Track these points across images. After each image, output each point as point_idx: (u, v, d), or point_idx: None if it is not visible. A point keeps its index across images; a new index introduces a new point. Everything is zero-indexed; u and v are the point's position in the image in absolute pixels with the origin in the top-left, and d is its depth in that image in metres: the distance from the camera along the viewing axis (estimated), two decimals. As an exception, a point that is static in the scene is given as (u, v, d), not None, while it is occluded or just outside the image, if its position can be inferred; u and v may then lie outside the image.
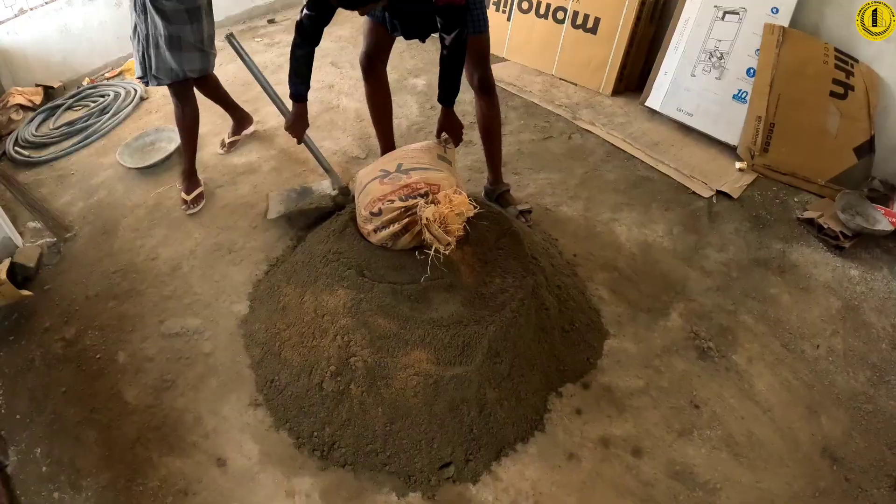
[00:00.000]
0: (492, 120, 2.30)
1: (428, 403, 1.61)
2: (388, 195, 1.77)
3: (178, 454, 1.69)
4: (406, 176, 1.82)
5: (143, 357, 1.94)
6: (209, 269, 2.23)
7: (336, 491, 1.60)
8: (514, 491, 1.61)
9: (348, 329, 1.67)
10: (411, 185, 1.78)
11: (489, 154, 2.40)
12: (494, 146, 2.38)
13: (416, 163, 1.87)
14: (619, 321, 2.08)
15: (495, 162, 2.42)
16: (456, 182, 1.83)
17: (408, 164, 1.88)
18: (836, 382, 1.94)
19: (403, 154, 1.96)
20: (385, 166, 1.91)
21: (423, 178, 1.79)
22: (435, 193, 1.75)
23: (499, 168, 2.44)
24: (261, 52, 3.81)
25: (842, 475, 1.69)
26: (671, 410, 1.82)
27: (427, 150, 1.96)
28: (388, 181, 1.82)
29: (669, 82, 3.02)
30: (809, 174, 2.72)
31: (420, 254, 1.75)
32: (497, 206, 2.32)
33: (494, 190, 2.47)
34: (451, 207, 1.69)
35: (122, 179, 2.68)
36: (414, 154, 1.94)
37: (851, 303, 2.20)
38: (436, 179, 1.80)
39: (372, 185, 1.85)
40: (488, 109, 2.26)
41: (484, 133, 2.34)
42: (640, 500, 1.61)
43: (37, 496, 1.60)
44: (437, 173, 1.83)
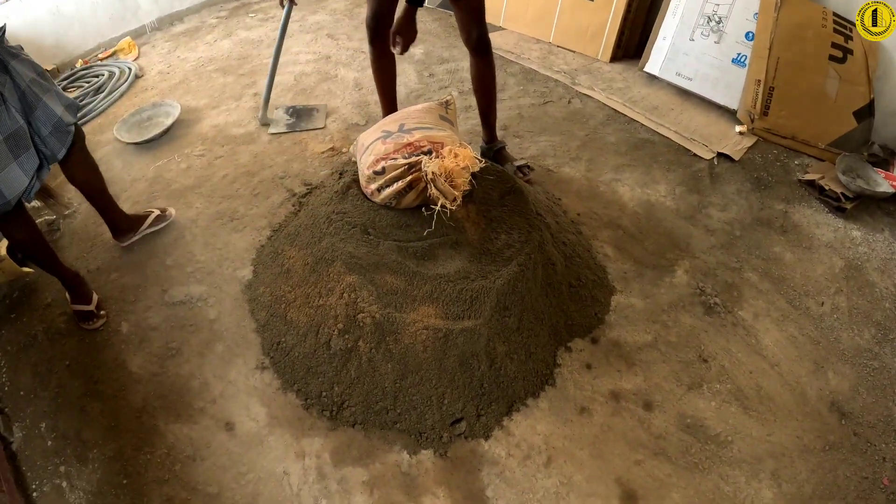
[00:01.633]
0: (490, 79, 2.28)
1: (438, 358, 1.60)
2: (392, 153, 1.76)
3: (185, 421, 1.67)
4: (408, 135, 1.80)
5: (147, 326, 1.91)
6: (212, 238, 2.20)
7: (346, 450, 1.59)
8: (527, 446, 1.61)
9: (355, 286, 1.65)
10: (414, 143, 1.77)
11: (485, 113, 2.39)
12: (491, 106, 2.37)
13: (418, 123, 1.86)
14: (625, 277, 2.08)
15: (491, 121, 2.42)
16: (458, 140, 1.82)
17: (410, 124, 1.86)
18: (841, 339, 1.95)
19: (405, 115, 1.94)
20: (387, 127, 1.89)
21: (426, 137, 1.78)
22: (439, 150, 1.73)
23: (494, 126, 2.44)
24: (256, 27, 3.77)
25: (850, 430, 1.70)
26: (680, 364, 1.83)
27: (428, 111, 1.94)
28: (390, 140, 1.80)
29: (668, 47, 3.01)
30: (809, 137, 2.71)
31: (426, 210, 1.74)
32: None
33: (491, 147, 2.47)
34: (456, 162, 1.67)
35: (119, 155, 2.65)
36: (415, 115, 1.92)
37: (854, 262, 2.21)
38: (438, 138, 1.78)
39: (375, 146, 1.83)
40: (486, 67, 2.24)
41: (481, 93, 2.32)
42: (653, 452, 1.61)
43: (43, 471, 1.58)
44: (440, 132, 1.82)
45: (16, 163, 1.55)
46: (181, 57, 3.42)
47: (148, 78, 3.23)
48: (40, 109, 1.61)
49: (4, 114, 1.51)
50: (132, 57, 3.44)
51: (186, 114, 2.87)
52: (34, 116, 1.61)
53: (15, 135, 1.54)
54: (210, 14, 3.97)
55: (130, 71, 3.23)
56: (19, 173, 1.56)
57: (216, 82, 3.15)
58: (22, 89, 1.56)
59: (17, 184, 1.56)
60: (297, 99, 3.02)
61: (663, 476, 1.56)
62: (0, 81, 1.50)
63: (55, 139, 1.67)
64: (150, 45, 3.58)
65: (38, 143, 1.64)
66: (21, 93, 1.56)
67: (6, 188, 1.53)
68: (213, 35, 3.68)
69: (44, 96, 1.63)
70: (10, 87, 1.53)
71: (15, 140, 1.54)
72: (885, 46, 2.61)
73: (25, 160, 1.58)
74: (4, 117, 1.51)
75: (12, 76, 1.54)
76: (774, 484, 1.57)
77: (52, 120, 1.64)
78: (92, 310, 1.92)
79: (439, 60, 3.30)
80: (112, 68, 3.26)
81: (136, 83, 3.18)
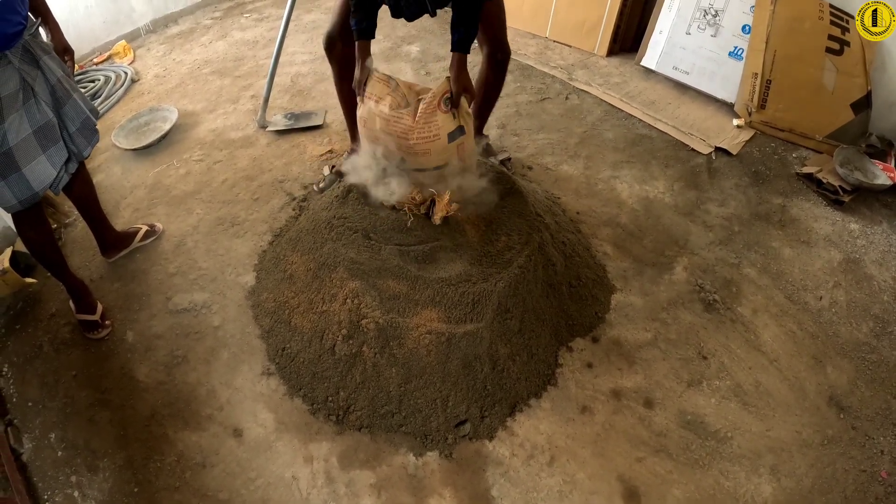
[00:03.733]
0: (498, 90, 2.25)
1: (441, 361, 1.62)
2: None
3: (193, 428, 1.69)
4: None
5: (151, 335, 1.92)
6: (213, 244, 2.21)
7: (354, 454, 1.61)
8: (530, 445, 1.63)
9: (358, 292, 1.67)
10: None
11: (479, 114, 2.34)
12: (489, 109, 2.35)
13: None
14: (624, 276, 2.10)
15: (485, 119, 2.41)
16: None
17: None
18: (839, 333, 1.97)
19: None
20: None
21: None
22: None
23: (484, 123, 2.44)
24: (251, 27, 3.76)
25: (849, 423, 1.73)
26: (680, 362, 1.85)
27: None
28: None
29: (664, 41, 3.01)
30: (807, 130, 2.72)
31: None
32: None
33: (479, 140, 2.37)
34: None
35: (118, 161, 2.64)
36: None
37: (852, 256, 2.23)
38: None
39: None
40: (498, 81, 2.20)
41: (484, 98, 2.27)
42: (654, 450, 1.64)
43: (54, 481, 1.59)
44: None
45: (44, 155, 1.58)
46: (177, 59, 3.41)
47: (144, 82, 3.21)
48: (69, 105, 1.64)
49: (34, 107, 1.53)
50: (128, 60, 3.42)
51: (184, 118, 2.86)
52: (63, 112, 1.63)
53: (44, 128, 1.56)
54: (204, 15, 3.94)
55: (126, 75, 3.21)
56: (47, 165, 1.59)
57: (213, 85, 3.14)
58: (52, 84, 1.58)
59: (45, 176, 1.59)
60: (295, 100, 3.02)
61: (664, 473, 1.59)
62: (31, 76, 1.52)
63: (82, 136, 1.70)
64: (146, 48, 3.57)
65: (66, 139, 1.66)
66: (51, 88, 1.58)
67: (34, 180, 1.57)
68: (208, 36, 3.66)
69: (73, 94, 1.66)
70: (41, 81, 1.55)
71: (44, 133, 1.56)
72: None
73: (54, 153, 1.61)
74: (34, 110, 1.53)
75: (43, 71, 1.55)
76: (774, 478, 1.59)
77: (80, 117, 1.67)
78: (97, 319, 1.93)
79: (435, 58, 3.29)
80: (108, 73, 3.24)
81: (132, 87, 3.17)
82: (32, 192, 1.58)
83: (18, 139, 1.50)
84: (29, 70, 1.51)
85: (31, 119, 1.53)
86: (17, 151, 1.51)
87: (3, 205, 1.58)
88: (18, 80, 1.48)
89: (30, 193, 1.58)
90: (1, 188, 1.53)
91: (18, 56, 1.47)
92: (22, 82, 1.49)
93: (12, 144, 1.49)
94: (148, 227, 2.23)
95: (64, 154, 1.65)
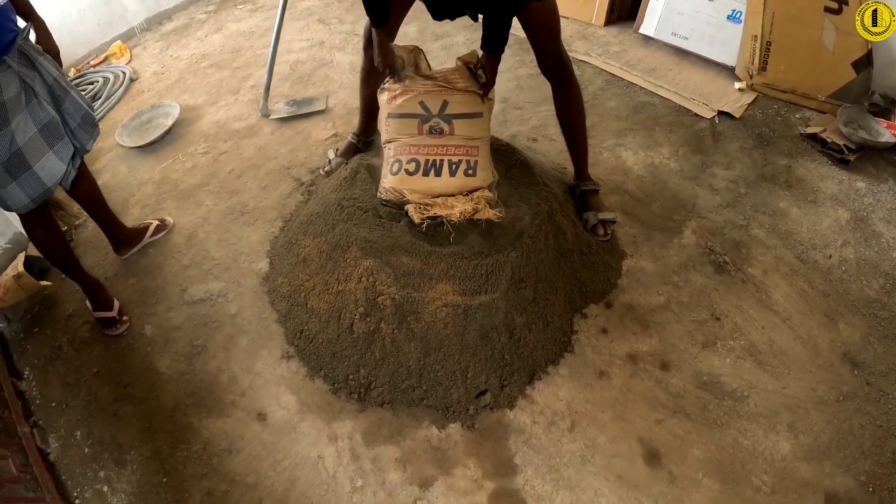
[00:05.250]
0: (575, 111, 2.00)
1: (459, 333, 1.64)
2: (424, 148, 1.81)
3: (217, 415, 1.71)
4: (447, 131, 1.81)
5: (170, 327, 1.95)
6: (224, 234, 2.22)
7: (377, 430, 1.64)
8: (551, 412, 1.66)
9: (372, 270, 1.68)
10: (451, 147, 1.80)
11: (571, 148, 2.10)
12: (578, 140, 2.07)
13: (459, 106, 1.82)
14: (634, 241, 2.11)
15: (579, 157, 2.11)
16: (488, 137, 1.86)
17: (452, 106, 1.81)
18: (850, 290, 1.97)
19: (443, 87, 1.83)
20: (426, 101, 1.83)
21: (464, 138, 1.81)
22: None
23: (584, 163, 2.12)
24: (245, 18, 3.74)
25: (863, 379, 1.74)
26: (693, 324, 1.86)
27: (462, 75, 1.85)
28: (425, 133, 1.83)
29: (662, 7, 2.99)
30: (809, 90, 2.71)
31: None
32: (578, 208, 2.12)
33: (578, 186, 2.14)
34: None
35: (124, 160, 2.66)
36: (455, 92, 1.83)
37: (860, 214, 2.23)
38: (474, 143, 1.82)
39: (406, 124, 1.83)
40: (567, 98, 1.97)
41: (565, 126, 2.05)
42: (672, 411, 1.66)
43: (83, 478, 1.62)
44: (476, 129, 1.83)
45: (52, 151, 1.62)
46: (174, 56, 3.41)
47: (143, 80, 3.21)
48: (68, 102, 1.67)
49: (37, 106, 1.57)
50: (124, 60, 3.42)
51: (186, 112, 2.87)
52: (63, 109, 1.66)
53: (49, 125, 1.60)
54: (198, 10, 3.92)
55: (125, 75, 3.21)
56: (56, 161, 1.63)
57: (212, 78, 3.13)
58: (49, 84, 1.61)
59: (55, 171, 1.63)
60: (295, 87, 3.01)
61: (683, 433, 1.61)
62: (30, 77, 1.54)
63: (84, 131, 1.73)
64: (142, 47, 3.56)
65: (69, 135, 1.69)
66: (49, 87, 1.61)
67: (45, 176, 1.60)
68: (204, 30, 3.65)
69: (70, 91, 1.69)
70: (39, 81, 1.58)
71: (49, 130, 1.60)
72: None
73: (61, 148, 1.65)
74: (38, 110, 1.57)
75: (40, 72, 1.58)
76: (791, 435, 1.61)
77: (80, 112, 1.70)
78: (114, 316, 1.96)
79: (434, 37, 3.27)
80: (106, 74, 3.24)
81: (131, 86, 3.17)
82: (45, 188, 1.61)
83: (26, 139, 1.53)
84: (27, 72, 1.53)
85: (36, 118, 1.56)
86: (27, 150, 1.54)
87: (15, 206, 1.61)
88: (19, 82, 1.50)
89: (42, 189, 1.61)
90: (12, 189, 1.56)
91: (16, 60, 1.50)
92: (22, 84, 1.52)
93: (21, 144, 1.52)
94: (158, 221, 2.25)
95: (70, 149, 1.69)
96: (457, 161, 1.78)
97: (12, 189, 1.56)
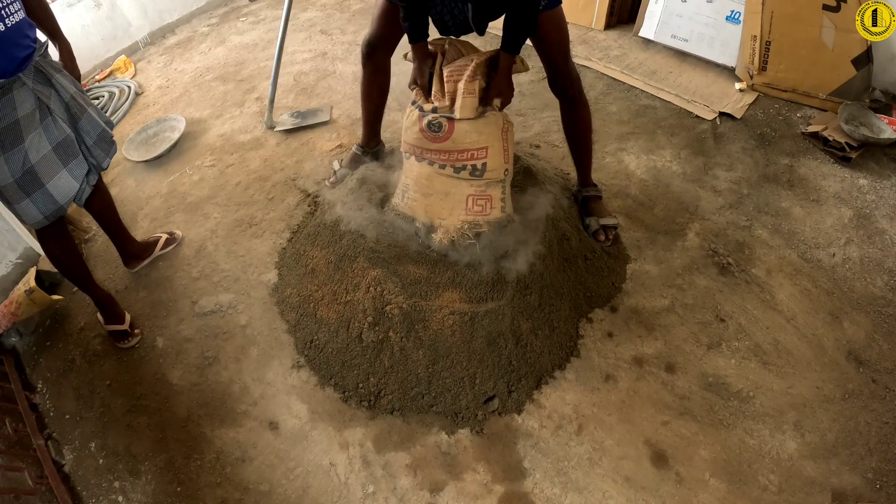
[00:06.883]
0: (582, 128, 2.00)
1: (466, 340, 1.66)
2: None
3: (230, 425, 1.73)
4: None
5: (181, 339, 1.97)
6: (233, 246, 2.25)
7: (388, 437, 1.66)
8: (558, 416, 1.67)
9: (380, 279, 1.70)
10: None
11: (575, 158, 2.13)
12: (582, 151, 2.09)
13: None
14: (638, 245, 2.12)
15: (583, 165, 2.13)
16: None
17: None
18: (854, 288, 1.98)
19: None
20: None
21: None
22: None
23: (588, 170, 2.15)
24: (248, 31, 3.78)
25: (868, 377, 1.74)
26: (698, 326, 1.87)
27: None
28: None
29: (661, 10, 3.01)
30: (809, 89, 2.71)
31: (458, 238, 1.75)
32: (581, 213, 2.14)
33: (580, 192, 2.17)
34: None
35: (131, 174, 2.69)
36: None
37: (863, 211, 2.23)
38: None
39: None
40: (574, 115, 1.97)
41: (571, 141, 2.06)
42: (678, 413, 1.67)
43: (98, 488, 1.64)
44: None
45: (66, 169, 1.64)
46: (178, 69, 3.45)
47: (148, 94, 3.25)
48: (85, 120, 1.69)
49: (52, 124, 1.58)
50: (129, 75, 3.46)
51: (192, 126, 2.90)
52: (80, 126, 1.68)
53: (63, 143, 1.62)
54: (201, 23, 3.97)
55: (130, 89, 3.25)
56: (69, 179, 1.65)
57: (216, 91, 3.17)
58: (66, 101, 1.63)
59: (68, 189, 1.65)
60: (299, 98, 3.04)
61: (690, 434, 1.62)
62: (45, 94, 1.56)
63: (100, 149, 1.75)
64: (146, 61, 3.60)
65: (85, 152, 1.71)
66: (66, 104, 1.63)
67: (58, 194, 1.62)
68: (207, 43, 3.69)
69: (88, 108, 1.71)
70: (55, 99, 1.60)
71: (63, 148, 1.62)
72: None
73: (75, 166, 1.66)
74: (52, 127, 1.59)
75: (56, 89, 1.60)
76: (798, 434, 1.62)
77: (96, 130, 1.72)
78: (126, 329, 1.98)
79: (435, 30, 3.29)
80: (111, 88, 3.28)
81: (137, 100, 3.21)
82: (58, 206, 1.63)
83: (39, 156, 1.55)
84: (43, 89, 1.55)
85: (50, 136, 1.58)
86: (40, 168, 1.56)
87: (29, 221, 1.63)
88: (34, 100, 1.52)
89: (55, 207, 1.63)
90: (26, 205, 1.58)
91: (31, 77, 1.52)
92: (37, 102, 1.53)
93: (34, 162, 1.54)
94: (167, 235, 2.28)
95: (84, 167, 1.70)
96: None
97: (26, 205, 1.58)
